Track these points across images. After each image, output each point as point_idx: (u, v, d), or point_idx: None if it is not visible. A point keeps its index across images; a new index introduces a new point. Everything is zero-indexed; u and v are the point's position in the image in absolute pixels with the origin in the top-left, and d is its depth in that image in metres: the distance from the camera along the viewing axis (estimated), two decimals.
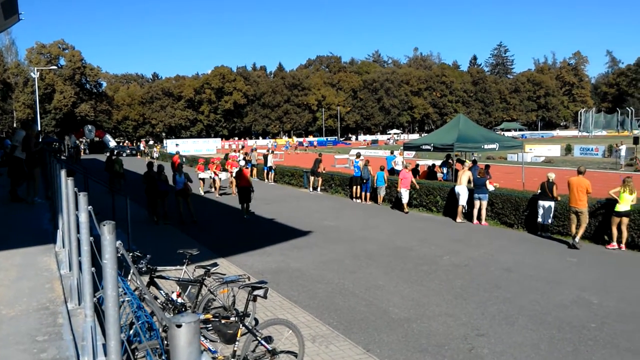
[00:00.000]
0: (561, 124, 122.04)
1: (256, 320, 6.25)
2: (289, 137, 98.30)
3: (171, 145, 58.48)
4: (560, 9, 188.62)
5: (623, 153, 30.80)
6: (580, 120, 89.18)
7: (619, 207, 10.53)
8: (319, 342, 6.09)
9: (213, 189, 21.26)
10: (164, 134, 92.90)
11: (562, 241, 11.66)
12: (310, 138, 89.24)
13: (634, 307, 7.22)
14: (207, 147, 63.78)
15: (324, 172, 21.76)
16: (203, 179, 21.56)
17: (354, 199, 18.98)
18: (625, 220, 10.56)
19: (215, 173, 20.96)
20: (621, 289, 8.10)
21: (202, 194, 21.05)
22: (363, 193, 18.52)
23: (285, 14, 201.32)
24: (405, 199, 15.91)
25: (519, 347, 5.93)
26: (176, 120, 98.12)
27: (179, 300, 5.37)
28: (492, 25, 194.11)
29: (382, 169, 17.81)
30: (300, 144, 77.92)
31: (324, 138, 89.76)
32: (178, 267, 6.48)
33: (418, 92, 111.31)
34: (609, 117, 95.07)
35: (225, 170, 22.00)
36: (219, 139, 76.06)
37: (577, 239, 10.97)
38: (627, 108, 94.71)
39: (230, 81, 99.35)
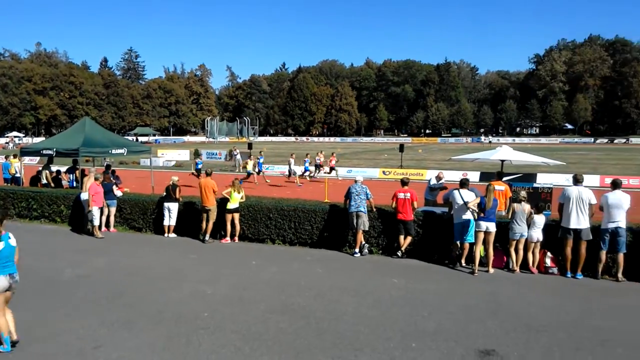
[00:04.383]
0: (191, 130, 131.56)
1: None
2: None
3: None
4: (187, 24, 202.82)
5: (239, 157, 35.57)
6: (207, 127, 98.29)
7: (230, 205, 12.00)
8: None
9: None
10: None
11: (189, 240, 12.56)
12: None
13: (239, 292, 8.32)
14: None
15: None
16: None
17: None
18: (236, 216, 12.13)
19: None
20: (233, 278, 9.24)
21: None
22: None
23: None
24: (96, 220, 12.75)
25: (137, 350, 6.02)
26: None
27: None
28: (122, 28, 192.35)
29: None
30: None
31: None
32: None
33: (43, 91, 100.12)
34: (231, 125, 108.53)
35: None
36: None
37: (207, 236, 12.20)
38: (245, 118, 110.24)
39: None
